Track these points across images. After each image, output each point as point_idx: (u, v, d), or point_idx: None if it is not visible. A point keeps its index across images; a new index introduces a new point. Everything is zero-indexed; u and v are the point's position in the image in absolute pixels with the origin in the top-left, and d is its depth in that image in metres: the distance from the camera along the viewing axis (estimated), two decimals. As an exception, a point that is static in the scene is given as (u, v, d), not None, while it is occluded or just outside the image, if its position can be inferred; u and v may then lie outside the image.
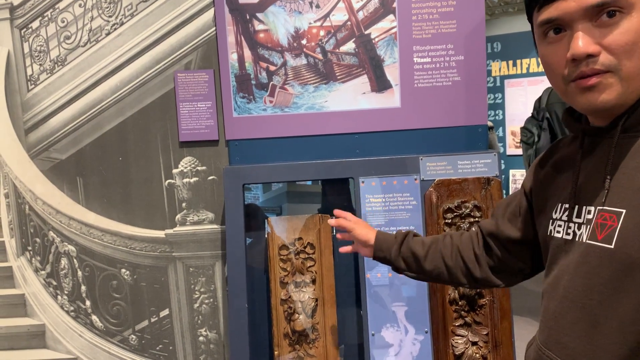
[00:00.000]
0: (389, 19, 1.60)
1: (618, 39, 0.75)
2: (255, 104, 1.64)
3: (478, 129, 1.62)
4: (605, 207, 0.79)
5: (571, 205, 0.87)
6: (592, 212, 0.82)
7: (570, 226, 0.86)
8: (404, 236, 1.19)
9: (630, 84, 0.77)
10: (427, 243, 1.17)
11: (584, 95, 0.80)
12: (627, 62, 0.76)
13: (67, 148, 1.69)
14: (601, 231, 0.79)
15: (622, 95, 0.78)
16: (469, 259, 1.11)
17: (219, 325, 1.71)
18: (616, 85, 0.77)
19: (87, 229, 1.70)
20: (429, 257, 1.15)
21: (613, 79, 0.77)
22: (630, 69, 0.76)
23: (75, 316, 1.73)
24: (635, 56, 0.76)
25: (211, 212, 1.68)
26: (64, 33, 1.66)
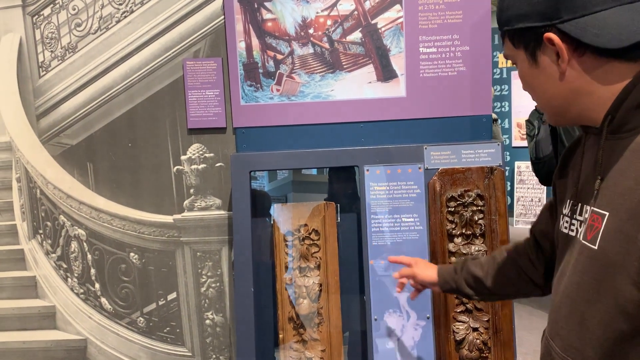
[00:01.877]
0: (396, 9, 1.62)
1: (521, 81, 0.92)
2: (262, 92, 1.66)
3: (482, 119, 1.64)
4: (595, 208, 0.82)
5: (574, 202, 0.90)
6: (588, 212, 0.85)
7: (573, 223, 0.90)
8: (463, 263, 1.23)
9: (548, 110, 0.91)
10: (484, 263, 1.20)
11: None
12: (536, 99, 0.91)
13: (78, 134, 1.72)
14: (590, 231, 0.82)
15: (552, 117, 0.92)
16: (526, 267, 1.13)
17: (225, 309, 1.74)
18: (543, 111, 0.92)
19: (97, 214, 1.73)
20: (490, 275, 1.18)
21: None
22: (537, 102, 0.91)
23: (85, 298, 1.77)
24: (536, 95, 0.90)
25: (218, 198, 1.71)
26: (75, 20, 1.69)
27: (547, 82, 0.85)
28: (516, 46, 0.87)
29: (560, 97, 0.85)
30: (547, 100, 0.88)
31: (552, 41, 0.80)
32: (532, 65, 0.86)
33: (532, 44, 0.84)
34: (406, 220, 1.59)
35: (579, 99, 0.84)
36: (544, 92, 0.87)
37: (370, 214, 1.59)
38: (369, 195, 1.60)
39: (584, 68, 0.81)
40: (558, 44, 0.79)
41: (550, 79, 0.85)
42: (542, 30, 0.81)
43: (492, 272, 1.18)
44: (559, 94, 0.85)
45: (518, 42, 0.87)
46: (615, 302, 0.77)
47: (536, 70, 0.86)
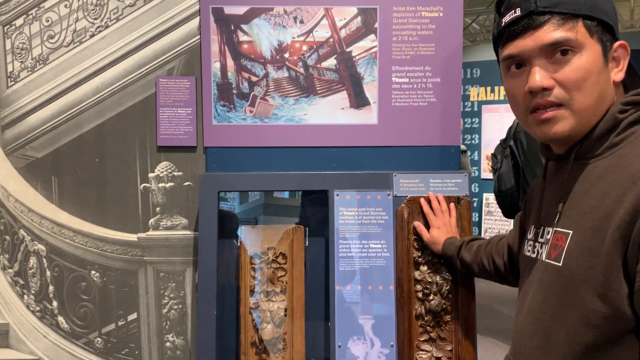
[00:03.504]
0: (370, 39, 1.65)
1: (569, 75, 0.84)
2: (235, 112, 1.66)
3: (451, 150, 1.67)
4: (558, 229, 0.89)
5: (537, 226, 0.97)
6: (550, 233, 0.91)
7: (535, 245, 0.96)
8: (460, 246, 1.44)
9: (581, 117, 0.86)
10: (474, 252, 1.40)
11: (540, 127, 0.89)
12: (578, 96, 0.85)
13: (44, 147, 1.68)
14: (554, 250, 0.88)
15: (574, 127, 0.87)
16: (500, 266, 1.31)
17: (187, 332, 1.71)
18: (569, 118, 0.86)
19: (59, 229, 1.69)
20: (475, 264, 1.39)
21: (566, 112, 0.86)
22: (581, 102, 0.85)
23: (41, 316, 1.71)
24: (585, 91, 0.84)
25: (185, 218, 1.69)
26: (48, 32, 1.67)
27: (606, 85, 0.87)
28: (593, 36, 0.85)
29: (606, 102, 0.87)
30: (600, 100, 0.87)
31: (625, 48, 0.86)
32: (603, 61, 0.86)
33: (609, 42, 0.87)
34: (374, 246, 1.59)
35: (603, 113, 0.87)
36: (602, 91, 0.86)
37: (338, 239, 1.59)
38: (338, 220, 1.60)
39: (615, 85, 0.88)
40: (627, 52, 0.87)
41: (608, 83, 0.87)
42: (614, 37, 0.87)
43: (477, 262, 1.38)
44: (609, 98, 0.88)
45: (597, 34, 0.86)
46: (580, 314, 0.80)
47: (604, 69, 0.86)
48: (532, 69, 0.87)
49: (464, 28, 9.10)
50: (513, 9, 0.89)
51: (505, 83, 0.96)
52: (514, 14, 0.89)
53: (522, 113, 0.92)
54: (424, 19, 1.64)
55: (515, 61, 0.91)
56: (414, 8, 1.64)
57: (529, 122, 0.92)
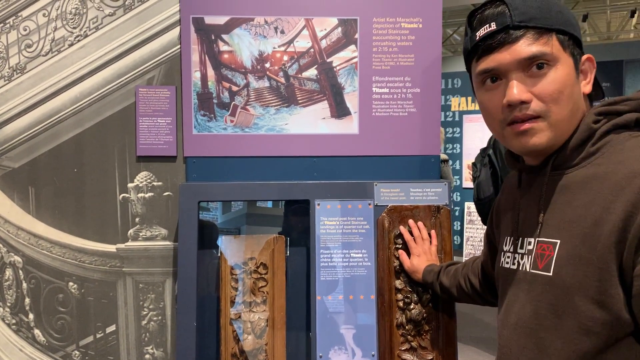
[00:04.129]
0: (351, 49, 1.66)
1: (546, 88, 0.86)
2: (215, 122, 1.66)
3: (431, 159, 1.68)
4: (542, 239, 0.89)
5: (514, 237, 0.96)
6: (532, 243, 0.90)
7: (515, 257, 0.95)
8: (438, 272, 1.44)
9: (558, 128, 0.88)
10: (451, 276, 1.40)
11: (518, 139, 0.90)
12: (555, 109, 0.86)
13: (21, 157, 1.66)
14: (541, 260, 0.87)
15: (551, 139, 0.88)
16: (476, 286, 1.32)
17: (166, 344, 1.69)
18: (546, 130, 0.88)
19: (36, 240, 1.66)
20: (454, 287, 1.39)
21: (543, 124, 0.87)
22: (558, 114, 0.87)
23: (17, 329, 1.68)
24: (561, 103, 0.86)
25: (165, 228, 1.68)
26: (26, 41, 1.65)
27: (579, 97, 0.90)
28: (566, 49, 0.88)
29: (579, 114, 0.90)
30: (573, 112, 0.89)
31: (592, 61, 0.90)
32: (575, 74, 0.89)
33: (579, 56, 0.90)
34: (355, 255, 1.59)
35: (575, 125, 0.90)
36: (575, 103, 0.89)
37: (319, 249, 1.59)
38: (319, 230, 1.60)
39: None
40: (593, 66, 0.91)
41: (580, 95, 0.90)
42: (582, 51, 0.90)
43: (455, 285, 1.38)
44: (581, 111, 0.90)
45: (568, 48, 0.88)
46: (577, 323, 0.80)
47: (577, 81, 0.89)
48: (510, 82, 0.88)
49: (445, 39, 9.21)
50: (487, 23, 0.90)
51: (480, 96, 0.96)
52: (488, 27, 0.90)
53: (498, 126, 0.93)
54: (403, 30, 1.66)
55: (490, 75, 0.92)
56: (393, 19, 1.65)
57: (506, 135, 0.92)
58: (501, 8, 0.89)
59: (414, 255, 1.53)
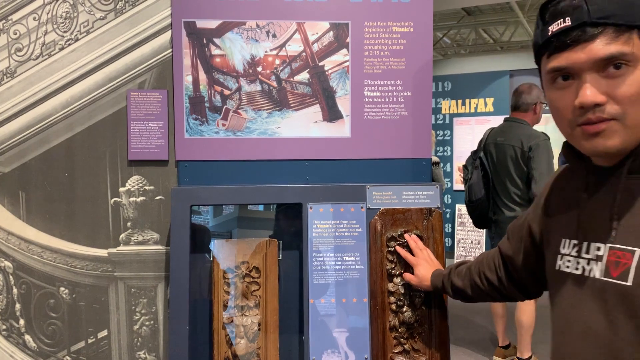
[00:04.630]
0: (342, 53, 1.67)
1: (625, 90, 0.80)
2: (207, 126, 1.66)
3: (422, 162, 1.69)
4: (616, 245, 0.83)
5: (579, 240, 0.91)
6: (602, 249, 0.86)
7: (579, 262, 0.90)
8: (448, 274, 1.40)
9: (634, 131, 0.82)
10: (463, 275, 1.36)
11: (590, 141, 0.84)
12: (632, 111, 0.81)
13: (11, 161, 1.65)
14: (615, 268, 0.82)
15: (626, 141, 0.83)
16: (494, 282, 1.27)
17: (159, 348, 1.68)
18: (620, 132, 0.82)
19: (27, 245, 1.65)
20: (468, 287, 1.34)
21: (618, 126, 0.82)
22: (636, 118, 0.81)
23: (7, 335, 1.66)
24: (639, 105, 0.81)
25: (157, 232, 1.67)
26: (16, 45, 1.64)
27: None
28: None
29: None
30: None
31: None
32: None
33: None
34: (347, 259, 1.60)
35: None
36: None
37: (312, 252, 1.59)
38: (312, 233, 1.60)
39: None
40: None
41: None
42: None
43: (469, 284, 1.34)
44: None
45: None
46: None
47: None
48: (584, 84, 0.82)
49: (435, 42, 9.26)
50: (562, 17, 0.83)
51: (549, 94, 0.91)
52: (562, 23, 0.83)
53: (568, 125, 0.87)
54: (394, 34, 1.67)
55: (562, 73, 0.86)
56: (384, 23, 1.66)
57: (576, 135, 0.87)
58: (578, 1, 0.82)
59: (417, 267, 1.49)
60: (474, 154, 3.65)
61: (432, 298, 1.55)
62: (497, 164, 3.44)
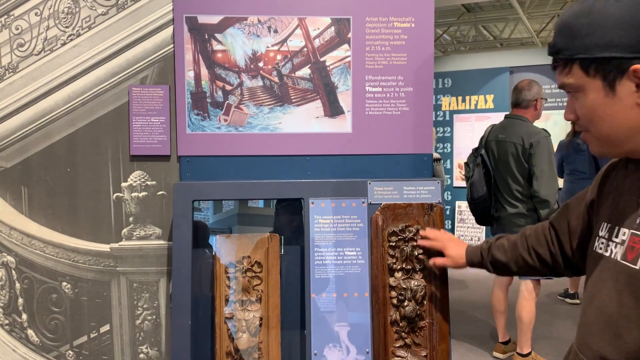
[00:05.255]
0: (344, 48, 1.67)
1: (579, 112, 0.94)
2: (209, 121, 1.66)
3: (423, 158, 1.70)
4: (636, 232, 0.90)
5: (612, 224, 0.98)
6: (626, 234, 0.92)
7: (609, 244, 0.96)
8: (488, 249, 1.40)
9: (606, 142, 0.94)
10: (507, 249, 1.36)
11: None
12: (593, 128, 0.93)
13: (13, 156, 1.65)
14: (631, 252, 0.89)
15: (603, 150, 0.96)
16: (546, 257, 1.27)
17: (161, 343, 1.69)
18: (594, 142, 0.96)
19: (29, 240, 1.65)
20: (513, 262, 1.34)
21: (591, 137, 0.96)
22: (598, 132, 0.93)
23: (9, 330, 1.67)
24: (596, 123, 0.92)
25: (159, 227, 1.68)
26: (18, 40, 1.65)
27: (621, 112, 0.89)
28: (590, 75, 0.89)
29: (626, 128, 0.89)
30: (613, 131, 0.91)
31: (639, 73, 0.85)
32: (607, 94, 0.89)
33: (613, 74, 0.87)
34: (349, 253, 1.60)
35: (637, 132, 0.89)
36: (613, 120, 0.90)
37: (313, 247, 1.60)
38: (313, 228, 1.61)
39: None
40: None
41: (624, 109, 0.88)
42: (629, 61, 0.85)
43: (515, 258, 1.34)
44: (627, 125, 0.89)
45: (595, 71, 0.89)
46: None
47: (611, 100, 0.89)
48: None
49: (435, 39, 9.24)
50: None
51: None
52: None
53: None
54: (396, 30, 1.67)
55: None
56: (386, 19, 1.67)
57: None
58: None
59: (447, 249, 1.48)
60: (475, 151, 3.65)
61: (433, 292, 1.56)
62: (498, 160, 3.44)
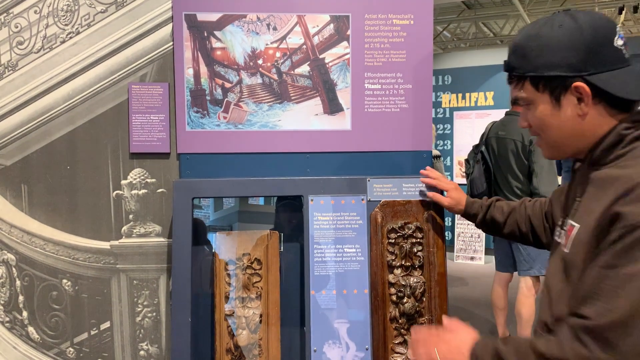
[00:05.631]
0: (343, 46, 1.67)
1: (532, 120, 1.08)
2: (209, 119, 1.66)
3: (423, 155, 1.70)
4: (570, 221, 1.07)
5: (563, 216, 1.15)
6: (567, 224, 1.09)
7: (560, 232, 1.13)
8: (489, 205, 1.51)
9: (555, 147, 1.09)
10: (506, 211, 1.47)
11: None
12: (543, 135, 1.08)
13: (13, 154, 1.66)
14: (566, 238, 1.06)
15: (552, 154, 1.11)
16: (538, 228, 1.39)
17: (161, 340, 1.69)
18: (546, 147, 1.11)
19: (29, 238, 1.66)
20: (507, 224, 1.46)
21: (542, 142, 1.10)
22: (547, 139, 1.08)
23: (10, 327, 1.68)
24: (545, 131, 1.07)
25: (158, 225, 1.68)
26: (17, 38, 1.65)
27: (566, 122, 1.03)
28: (540, 90, 1.04)
29: (570, 135, 1.04)
30: (560, 137, 1.06)
31: (580, 89, 0.99)
32: (554, 107, 1.03)
33: (559, 90, 1.02)
34: (348, 250, 1.61)
35: (579, 138, 1.04)
36: (560, 129, 1.05)
37: (313, 244, 1.60)
38: (313, 225, 1.61)
39: (595, 114, 1.01)
40: (585, 92, 0.99)
41: (568, 119, 1.03)
42: (571, 79, 1.00)
43: (510, 222, 1.46)
44: (571, 132, 1.04)
45: (544, 87, 1.03)
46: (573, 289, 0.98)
47: (558, 112, 1.03)
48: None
49: (435, 36, 9.24)
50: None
51: None
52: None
53: None
54: (395, 27, 1.67)
55: None
56: (385, 16, 1.67)
57: None
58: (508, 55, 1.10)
59: (451, 191, 1.57)
60: (476, 148, 3.65)
61: (433, 288, 1.56)
62: (499, 157, 3.45)
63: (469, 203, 1.54)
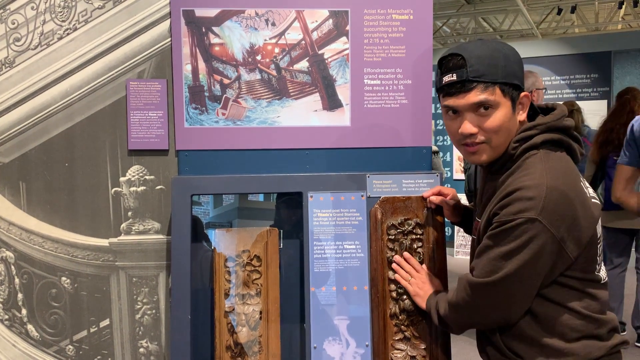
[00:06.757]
0: (342, 41, 1.66)
1: (490, 124, 1.23)
2: (207, 115, 1.65)
3: (422, 150, 1.69)
4: (476, 218, 1.39)
5: (478, 215, 1.38)
6: (476, 220, 1.39)
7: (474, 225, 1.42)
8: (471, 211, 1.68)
9: (496, 149, 1.27)
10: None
11: (469, 156, 1.31)
12: (495, 138, 1.24)
13: (11, 151, 1.65)
14: (475, 231, 1.38)
15: (492, 157, 1.28)
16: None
17: (161, 337, 1.69)
18: (488, 151, 1.27)
19: (28, 235, 1.65)
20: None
21: (485, 147, 1.26)
22: (497, 141, 1.25)
23: (9, 325, 1.67)
24: (499, 134, 1.24)
25: (157, 222, 1.67)
26: (14, 35, 1.64)
27: (514, 126, 1.27)
28: (506, 95, 1.22)
29: (509, 138, 1.26)
30: (506, 140, 1.26)
31: (527, 97, 1.27)
32: (512, 111, 1.24)
33: (516, 96, 1.25)
34: (348, 247, 1.60)
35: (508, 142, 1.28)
36: (509, 132, 1.26)
37: (313, 241, 1.60)
38: (312, 222, 1.60)
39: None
40: (528, 101, 1.28)
41: (515, 124, 1.27)
42: (521, 89, 1.26)
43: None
44: (510, 136, 1.26)
45: (509, 94, 1.23)
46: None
47: (513, 116, 1.25)
48: (464, 120, 1.24)
49: (434, 31, 9.21)
50: (450, 73, 1.23)
51: (444, 120, 1.34)
52: (451, 77, 1.22)
53: (457, 142, 1.32)
54: (394, 22, 1.66)
55: (451, 109, 1.27)
56: (384, 11, 1.66)
57: (462, 150, 1.33)
58: (461, 62, 1.21)
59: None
60: None
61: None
62: None
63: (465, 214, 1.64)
